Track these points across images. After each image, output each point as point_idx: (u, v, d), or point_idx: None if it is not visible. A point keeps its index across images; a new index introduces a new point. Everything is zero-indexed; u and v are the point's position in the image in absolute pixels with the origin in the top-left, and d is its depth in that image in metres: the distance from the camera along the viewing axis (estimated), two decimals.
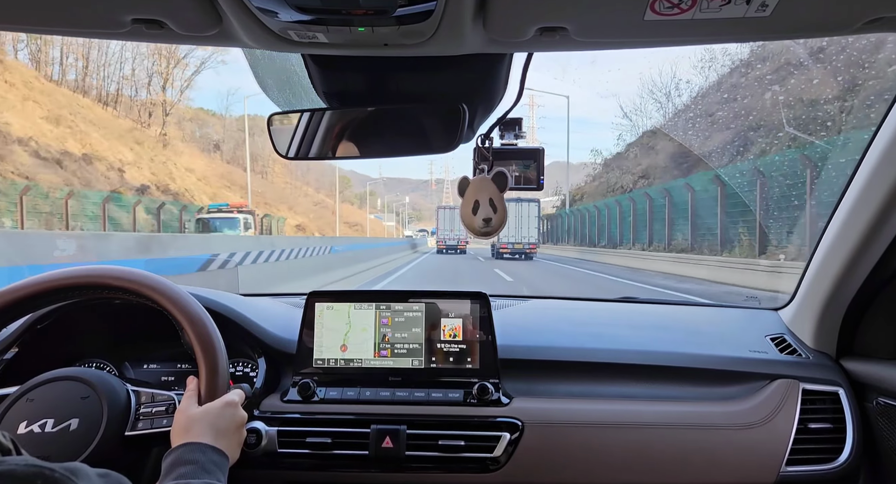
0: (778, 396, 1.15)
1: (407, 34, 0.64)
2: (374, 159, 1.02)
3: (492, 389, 1.14)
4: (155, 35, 0.64)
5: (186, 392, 0.90)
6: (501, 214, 0.94)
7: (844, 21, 0.61)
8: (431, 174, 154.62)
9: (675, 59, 54.72)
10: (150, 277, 0.94)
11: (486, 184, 0.94)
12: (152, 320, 1.12)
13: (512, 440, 1.10)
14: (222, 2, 0.57)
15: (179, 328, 0.94)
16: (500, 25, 0.62)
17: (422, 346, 1.20)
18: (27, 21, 0.64)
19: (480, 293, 1.22)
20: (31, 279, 0.91)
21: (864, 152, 1.09)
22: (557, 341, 1.29)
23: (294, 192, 58.78)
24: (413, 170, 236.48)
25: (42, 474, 0.46)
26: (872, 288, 1.16)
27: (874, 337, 1.21)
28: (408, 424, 1.11)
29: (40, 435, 0.85)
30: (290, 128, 0.98)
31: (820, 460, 1.11)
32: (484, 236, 0.96)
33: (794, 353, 1.27)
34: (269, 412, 1.15)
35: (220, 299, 1.24)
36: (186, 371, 1.24)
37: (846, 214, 1.13)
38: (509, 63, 0.87)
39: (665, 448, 1.10)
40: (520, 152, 1.00)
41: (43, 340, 1.17)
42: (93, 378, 0.93)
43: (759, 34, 0.65)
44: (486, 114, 1.01)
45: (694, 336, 1.36)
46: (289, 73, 0.95)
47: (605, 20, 0.61)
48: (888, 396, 1.10)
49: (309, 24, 0.61)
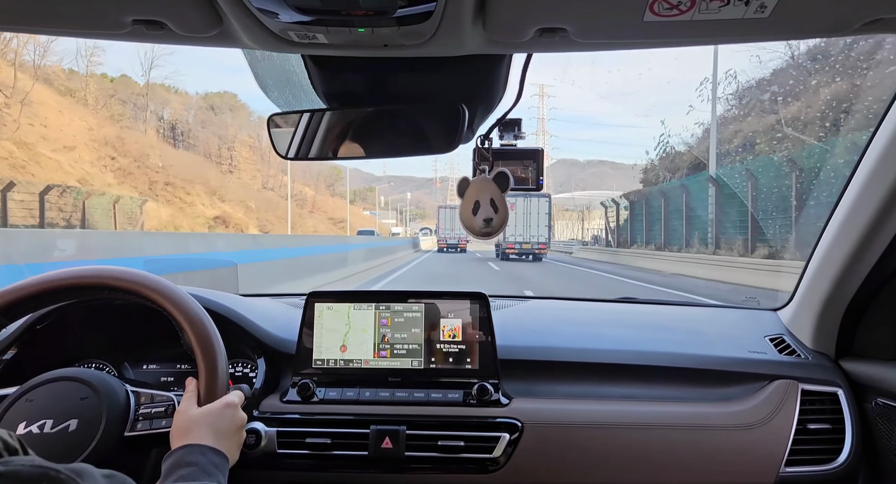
0: (777, 397, 1.15)
1: (407, 35, 0.64)
2: (378, 159, 1.01)
3: (491, 390, 1.14)
4: (155, 36, 0.64)
5: (186, 393, 0.90)
6: (503, 215, 0.94)
7: (843, 22, 0.61)
8: (436, 172, 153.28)
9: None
10: (150, 278, 0.94)
11: (487, 184, 0.95)
12: (152, 321, 1.12)
13: (511, 441, 1.10)
14: (222, 3, 0.57)
15: (179, 329, 0.94)
16: (499, 26, 0.62)
17: (421, 346, 1.20)
18: (27, 21, 0.64)
19: (480, 294, 1.22)
20: (31, 279, 0.91)
21: (863, 152, 1.09)
22: (557, 342, 1.29)
23: (243, 176, 49.75)
24: (417, 168, 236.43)
25: (47, 475, 0.46)
26: (871, 288, 1.16)
27: (873, 337, 1.21)
28: (407, 424, 1.11)
29: (39, 436, 0.85)
30: (290, 128, 0.98)
31: (819, 461, 1.11)
32: (484, 237, 0.96)
33: (793, 353, 1.27)
34: (269, 413, 1.15)
35: (220, 300, 1.24)
36: (186, 372, 1.24)
37: (845, 215, 1.13)
38: (509, 64, 0.87)
39: (664, 449, 1.10)
40: (519, 153, 1.00)
41: (43, 341, 1.17)
42: (92, 379, 0.93)
43: (757, 35, 0.65)
44: (485, 114, 1.01)
45: (693, 337, 1.36)
46: (289, 73, 0.95)
47: (605, 21, 0.61)
48: (887, 396, 1.10)
49: (309, 25, 0.61)
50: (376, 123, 0.98)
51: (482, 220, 0.94)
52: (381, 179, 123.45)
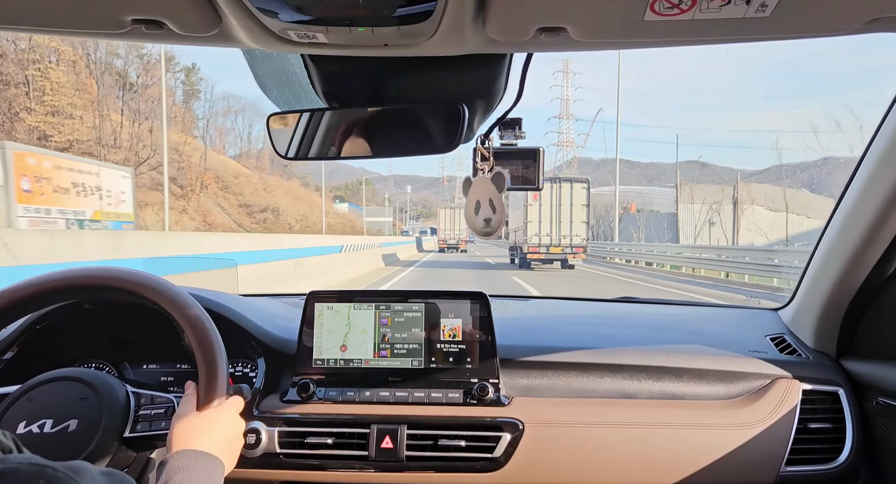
0: (778, 396, 1.15)
1: (407, 34, 0.64)
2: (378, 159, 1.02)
3: (491, 390, 1.14)
4: (155, 35, 0.64)
5: (184, 397, 0.89)
6: (500, 215, 0.95)
7: (844, 21, 0.61)
8: (443, 169, 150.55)
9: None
10: (151, 278, 0.94)
11: (486, 184, 0.95)
12: (152, 321, 1.12)
13: (512, 440, 1.10)
14: (222, 2, 0.57)
15: (179, 329, 0.94)
16: (499, 25, 0.62)
17: (421, 346, 1.20)
18: (27, 21, 0.64)
19: (480, 293, 1.22)
20: (31, 279, 0.91)
21: (864, 152, 1.09)
22: (557, 341, 1.29)
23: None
24: (424, 168, 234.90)
25: (45, 474, 0.46)
26: (873, 287, 1.16)
27: (874, 337, 1.21)
28: (408, 424, 1.11)
29: (39, 435, 0.85)
30: (290, 128, 0.98)
31: (820, 460, 1.12)
32: (485, 236, 0.97)
33: (793, 353, 1.27)
34: (269, 412, 1.15)
35: (220, 300, 1.24)
36: (186, 372, 1.24)
37: (846, 214, 1.13)
38: (509, 63, 0.87)
39: (665, 448, 1.10)
40: (519, 152, 1.01)
41: (42, 340, 1.17)
42: (92, 379, 0.93)
43: (758, 34, 0.65)
44: (486, 114, 1.01)
45: (693, 336, 1.36)
46: (288, 73, 0.94)
47: (605, 20, 0.61)
48: (888, 396, 1.10)
49: (309, 25, 0.61)
50: (376, 123, 0.98)
51: (482, 220, 0.95)
52: (387, 179, 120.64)
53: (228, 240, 15.20)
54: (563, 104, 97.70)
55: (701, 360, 1.22)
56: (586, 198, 17.44)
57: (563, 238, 17.16)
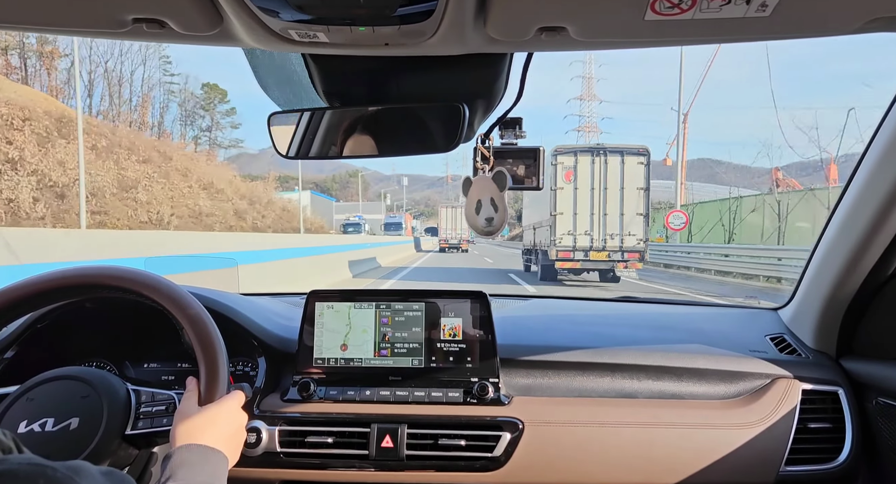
0: (777, 396, 1.15)
1: (407, 34, 0.64)
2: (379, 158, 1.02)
3: (491, 389, 1.14)
4: (155, 35, 0.64)
5: (186, 393, 0.90)
6: (502, 214, 0.95)
7: (844, 21, 0.61)
8: (448, 167, 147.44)
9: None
10: (151, 277, 0.94)
11: (487, 183, 0.95)
12: (153, 319, 1.12)
13: (512, 440, 1.10)
14: (223, 2, 0.57)
15: (180, 328, 0.94)
16: (500, 25, 0.62)
17: (422, 345, 1.20)
18: (27, 20, 0.64)
19: (480, 292, 1.22)
20: (31, 279, 0.91)
21: (863, 152, 1.09)
22: (557, 341, 1.29)
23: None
24: (429, 167, 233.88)
25: (44, 474, 0.46)
26: (872, 287, 1.16)
27: (874, 337, 1.21)
28: (408, 423, 1.12)
29: (40, 434, 0.85)
30: (291, 127, 0.98)
31: (819, 460, 1.12)
32: (487, 236, 0.97)
33: (793, 352, 1.27)
34: (269, 411, 1.15)
35: (221, 299, 1.24)
36: (187, 370, 1.25)
37: (846, 214, 1.13)
38: (510, 63, 0.87)
39: (664, 448, 1.10)
40: (519, 152, 1.01)
41: (43, 340, 1.17)
42: (93, 377, 0.93)
43: (759, 34, 0.65)
44: (486, 113, 1.01)
45: (693, 336, 1.36)
46: (289, 72, 0.94)
47: (606, 20, 0.61)
48: (888, 395, 1.10)
49: (310, 24, 0.61)
50: (377, 122, 0.98)
51: (484, 220, 0.95)
52: (391, 178, 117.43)
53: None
54: (585, 83, 76.72)
55: (701, 359, 1.22)
56: (645, 178, 11.36)
57: (608, 238, 11.40)
